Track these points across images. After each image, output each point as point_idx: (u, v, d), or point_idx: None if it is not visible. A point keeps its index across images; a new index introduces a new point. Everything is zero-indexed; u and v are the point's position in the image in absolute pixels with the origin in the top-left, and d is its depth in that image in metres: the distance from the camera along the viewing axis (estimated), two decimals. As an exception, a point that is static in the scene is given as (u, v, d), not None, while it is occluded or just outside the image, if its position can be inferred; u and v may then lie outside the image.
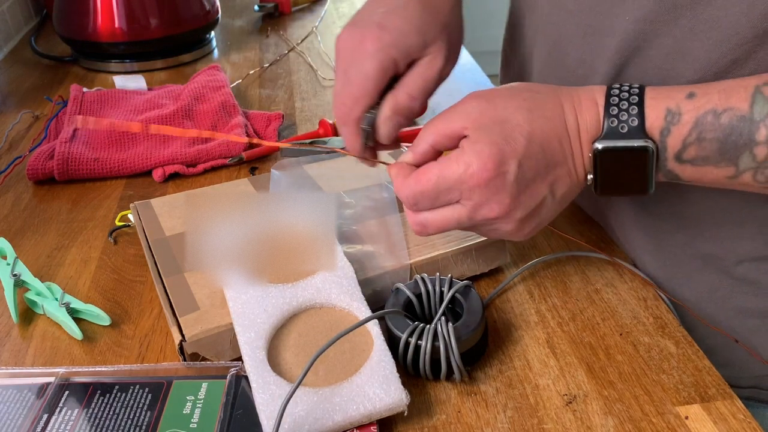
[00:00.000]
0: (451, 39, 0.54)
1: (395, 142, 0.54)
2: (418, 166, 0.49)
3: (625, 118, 0.46)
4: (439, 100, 0.57)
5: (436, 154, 0.50)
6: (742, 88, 0.44)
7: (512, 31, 0.73)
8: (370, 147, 0.54)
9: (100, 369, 0.51)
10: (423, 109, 0.54)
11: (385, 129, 0.52)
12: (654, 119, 0.46)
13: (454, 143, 0.48)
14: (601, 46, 0.55)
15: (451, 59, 0.55)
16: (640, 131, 0.46)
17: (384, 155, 0.72)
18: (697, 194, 0.56)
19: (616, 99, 0.46)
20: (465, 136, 0.47)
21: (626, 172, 0.47)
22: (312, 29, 1.25)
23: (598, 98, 0.48)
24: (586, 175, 0.49)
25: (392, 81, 0.52)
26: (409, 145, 0.74)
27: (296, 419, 0.44)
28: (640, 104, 0.46)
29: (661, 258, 0.60)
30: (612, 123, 0.46)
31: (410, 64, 0.52)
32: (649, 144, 0.45)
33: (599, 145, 0.46)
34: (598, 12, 0.55)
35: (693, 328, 0.59)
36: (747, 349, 0.58)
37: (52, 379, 0.49)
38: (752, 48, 0.48)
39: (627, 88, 0.47)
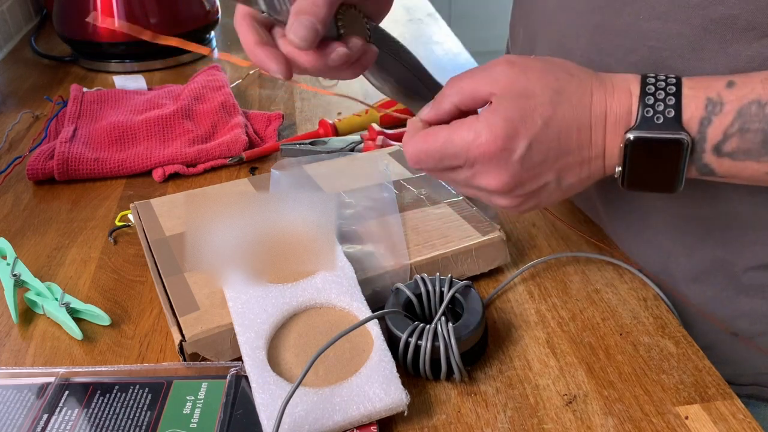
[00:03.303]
0: None
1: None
2: (432, 125, 0.49)
3: (661, 108, 0.44)
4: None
5: (459, 114, 0.49)
6: None
7: (512, 32, 0.73)
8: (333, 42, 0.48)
9: (100, 369, 0.51)
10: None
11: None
12: (693, 109, 0.44)
13: (477, 105, 0.48)
14: (611, 46, 0.55)
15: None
16: (677, 123, 0.44)
17: (383, 152, 0.72)
18: (708, 198, 0.55)
19: (652, 88, 0.45)
20: (489, 102, 0.46)
21: (657, 165, 0.46)
22: (312, 29, 1.25)
23: (632, 87, 0.46)
24: (612, 167, 0.47)
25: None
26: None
27: (296, 419, 0.44)
28: (678, 94, 0.44)
29: (663, 260, 0.60)
30: (647, 113, 0.44)
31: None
32: (684, 137, 0.44)
33: (631, 135, 0.45)
34: (608, 12, 0.55)
35: (693, 325, 0.59)
36: (747, 343, 0.58)
37: (52, 379, 0.49)
38: None
39: (663, 77, 0.45)
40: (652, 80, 0.45)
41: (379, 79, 0.55)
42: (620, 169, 0.47)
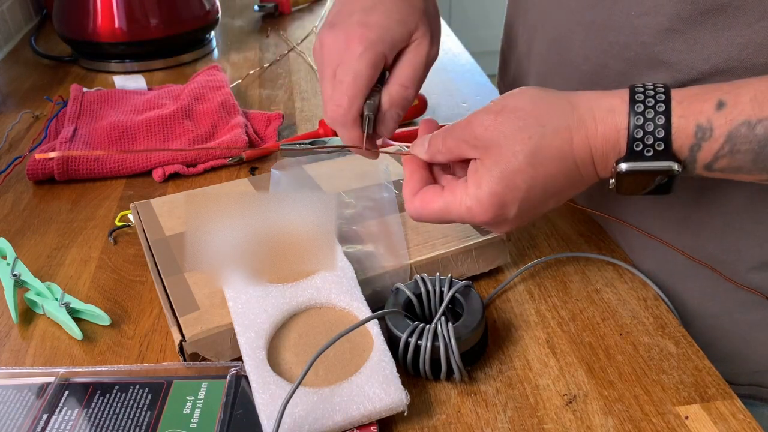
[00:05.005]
0: (431, 23, 0.55)
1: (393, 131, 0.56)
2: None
3: (650, 142, 0.44)
4: (440, 100, 0.57)
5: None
6: None
7: (509, 31, 0.73)
8: (371, 136, 0.55)
9: (100, 369, 0.51)
10: (416, 94, 0.55)
11: (384, 121, 0.54)
12: (684, 139, 0.44)
13: (465, 163, 0.50)
14: (606, 42, 0.55)
15: (435, 42, 0.55)
16: (667, 154, 0.44)
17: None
18: (704, 199, 0.55)
19: (641, 119, 0.44)
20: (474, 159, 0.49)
21: (649, 183, 0.46)
22: (312, 29, 1.25)
23: (619, 120, 0.45)
24: (606, 181, 0.48)
25: (382, 74, 0.53)
26: (408, 144, 0.74)
27: (296, 419, 0.44)
28: (667, 125, 0.44)
29: (663, 260, 0.60)
30: (636, 147, 0.44)
31: (398, 55, 0.53)
32: (675, 166, 0.44)
33: (623, 166, 0.45)
34: (602, 8, 0.55)
35: (691, 322, 0.59)
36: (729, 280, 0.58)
37: (52, 379, 0.49)
38: (762, 28, 0.47)
39: (652, 102, 0.44)
40: (641, 107, 0.44)
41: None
42: (613, 181, 0.47)
